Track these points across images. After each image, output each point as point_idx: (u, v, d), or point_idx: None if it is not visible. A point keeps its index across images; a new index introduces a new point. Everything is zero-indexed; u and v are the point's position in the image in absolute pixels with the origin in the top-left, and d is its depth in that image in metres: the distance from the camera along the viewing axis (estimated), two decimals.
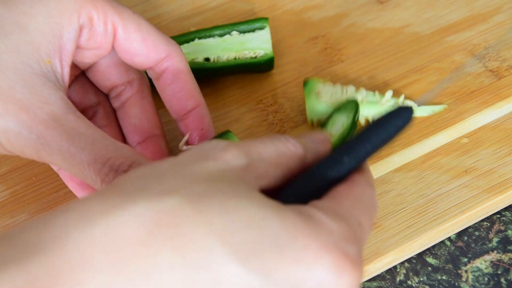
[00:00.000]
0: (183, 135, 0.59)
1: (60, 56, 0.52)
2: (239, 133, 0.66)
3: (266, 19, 0.70)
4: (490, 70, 0.68)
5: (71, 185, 0.60)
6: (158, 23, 0.76)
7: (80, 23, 0.52)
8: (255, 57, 0.69)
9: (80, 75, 0.61)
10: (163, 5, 0.78)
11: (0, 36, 0.51)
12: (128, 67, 0.59)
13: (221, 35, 0.71)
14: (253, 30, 0.71)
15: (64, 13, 0.52)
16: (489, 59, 0.69)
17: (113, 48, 0.56)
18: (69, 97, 0.59)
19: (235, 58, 0.69)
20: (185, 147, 0.62)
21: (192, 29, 0.75)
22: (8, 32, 0.51)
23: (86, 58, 0.57)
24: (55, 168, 0.61)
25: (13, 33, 0.51)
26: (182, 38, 0.70)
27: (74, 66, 0.58)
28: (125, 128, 0.61)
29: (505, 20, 0.72)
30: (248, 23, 0.71)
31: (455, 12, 0.74)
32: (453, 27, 0.72)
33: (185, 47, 0.70)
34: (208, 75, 0.70)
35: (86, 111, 0.61)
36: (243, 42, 0.70)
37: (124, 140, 0.61)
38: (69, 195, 0.63)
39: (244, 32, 0.71)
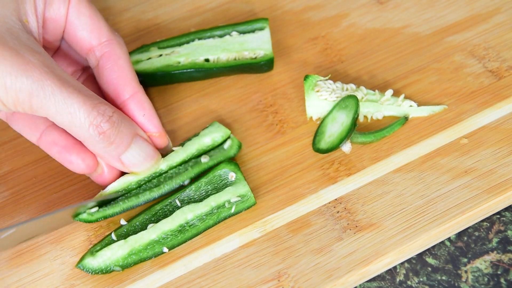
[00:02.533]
0: None
1: (35, 17, 0.57)
2: (239, 133, 0.66)
3: (266, 19, 0.70)
4: (490, 71, 0.68)
5: (55, 151, 0.61)
6: (158, 23, 0.76)
7: None
8: (255, 57, 0.69)
9: (61, 47, 0.65)
10: (163, 6, 0.78)
11: None
12: (99, 31, 0.61)
13: (221, 36, 0.71)
14: (253, 31, 0.71)
15: None
16: (489, 60, 0.69)
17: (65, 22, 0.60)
18: None
19: (235, 59, 0.69)
20: None
21: (192, 29, 0.75)
22: None
23: (50, 28, 0.60)
24: (34, 138, 0.61)
25: None
26: (182, 39, 0.71)
27: (51, 40, 0.62)
28: (104, 87, 0.63)
29: (505, 21, 0.72)
30: (248, 23, 0.71)
31: (455, 12, 0.74)
32: (453, 28, 0.72)
33: (186, 47, 0.70)
34: (208, 76, 0.70)
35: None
36: (243, 42, 0.70)
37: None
38: (69, 195, 0.64)
39: (244, 32, 0.71)
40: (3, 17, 0.54)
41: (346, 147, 0.64)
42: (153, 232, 0.59)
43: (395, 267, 0.60)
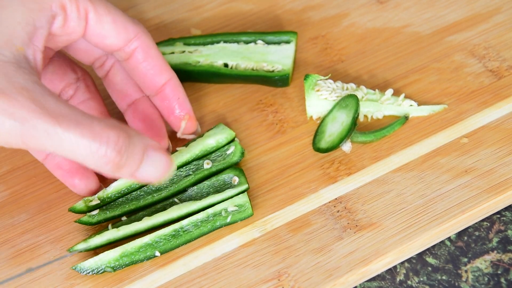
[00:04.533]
0: (157, 108, 0.63)
1: (33, 43, 0.53)
2: (239, 133, 0.66)
3: (294, 33, 0.69)
4: (490, 70, 0.68)
5: (59, 174, 0.62)
6: (158, 23, 0.76)
7: (52, 11, 0.54)
8: (272, 71, 0.68)
9: (56, 55, 0.63)
10: (163, 6, 0.78)
11: None
12: (125, 32, 0.60)
13: (246, 42, 0.70)
14: (278, 43, 0.69)
15: (37, 3, 0.53)
16: (489, 59, 0.69)
17: (85, 33, 0.58)
18: (49, 78, 0.62)
19: (252, 69, 0.68)
20: (183, 136, 0.64)
21: (192, 29, 0.75)
22: None
23: (59, 42, 0.58)
24: (40, 158, 0.61)
25: None
26: (208, 39, 0.70)
27: (48, 48, 0.59)
28: (113, 95, 0.64)
29: (505, 20, 0.72)
30: (276, 34, 0.70)
31: (455, 12, 0.74)
32: (453, 27, 0.72)
33: (209, 48, 0.69)
34: (223, 81, 0.69)
35: (67, 88, 0.63)
36: (265, 53, 0.69)
37: (107, 109, 0.64)
38: (69, 195, 0.63)
39: (269, 43, 0.70)
40: None
41: (346, 147, 0.64)
42: (147, 236, 0.59)
43: (395, 267, 0.60)
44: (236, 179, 0.61)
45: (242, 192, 0.61)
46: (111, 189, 0.62)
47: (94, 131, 0.50)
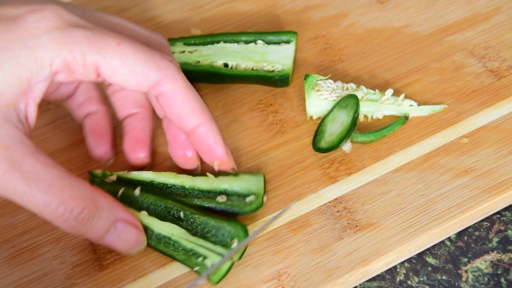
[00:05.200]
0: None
1: (26, 98, 0.52)
2: (238, 133, 0.66)
3: (294, 33, 0.69)
4: (490, 70, 0.68)
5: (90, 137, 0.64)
6: (158, 23, 0.76)
7: (53, 70, 0.52)
8: (272, 71, 0.68)
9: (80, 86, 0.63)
10: (163, 5, 0.78)
11: None
12: (146, 78, 0.56)
13: (246, 42, 0.70)
14: (278, 43, 0.69)
15: (34, 62, 0.51)
16: (489, 59, 0.69)
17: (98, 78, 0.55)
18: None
19: (252, 69, 0.68)
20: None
21: (192, 29, 0.75)
22: None
23: (68, 86, 0.58)
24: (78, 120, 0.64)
25: None
26: (208, 39, 0.70)
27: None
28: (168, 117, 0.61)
29: (505, 20, 0.72)
30: (276, 34, 0.69)
31: (455, 12, 0.74)
32: (453, 27, 0.72)
33: (209, 48, 0.69)
34: (222, 81, 0.69)
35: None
36: (265, 53, 0.69)
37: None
38: None
39: (269, 43, 0.70)
40: None
41: (346, 147, 0.64)
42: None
43: (395, 267, 0.60)
44: (235, 242, 0.58)
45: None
46: (132, 175, 0.62)
47: (62, 198, 0.51)
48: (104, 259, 0.59)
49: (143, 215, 0.59)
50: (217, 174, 0.62)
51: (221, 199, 0.60)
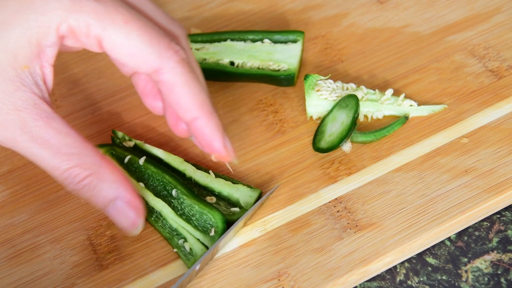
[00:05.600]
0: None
1: (40, 60, 0.53)
2: (239, 133, 0.66)
3: (301, 33, 0.69)
4: (490, 70, 0.68)
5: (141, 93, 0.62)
6: None
7: (59, 33, 0.53)
8: (278, 70, 0.68)
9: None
10: (163, 5, 0.78)
11: None
12: (145, 60, 0.56)
13: (253, 41, 0.70)
14: (285, 42, 0.69)
15: (43, 26, 0.52)
16: (489, 59, 0.69)
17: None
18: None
19: (258, 67, 0.68)
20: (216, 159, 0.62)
21: (192, 29, 0.75)
22: None
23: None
24: (127, 74, 0.62)
25: None
26: (215, 37, 0.70)
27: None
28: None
29: (505, 20, 0.72)
30: (283, 33, 0.69)
31: (455, 12, 0.74)
32: (453, 27, 0.72)
33: (216, 46, 0.69)
34: (228, 79, 0.69)
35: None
36: (271, 52, 0.69)
37: None
38: (69, 195, 0.64)
39: (276, 42, 0.70)
40: None
41: (346, 147, 0.64)
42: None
43: (395, 267, 0.60)
44: (212, 232, 0.59)
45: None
46: (146, 147, 0.65)
47: (68, 165, 0.53)
48: (104, 259, 0.59)
49: (141, 187, 0.61)
50: (218, 175, 0.63)
51: (210, 199, 0.61)
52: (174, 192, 0.61)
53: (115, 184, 0.55)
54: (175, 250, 0.59)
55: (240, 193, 0.62)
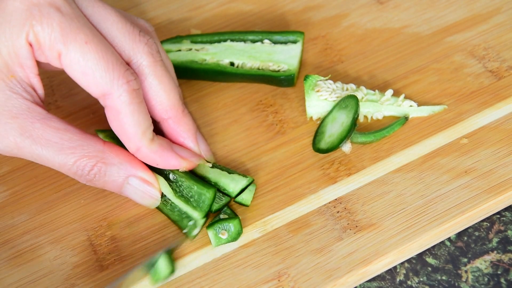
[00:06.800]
0: None
1: (24, 71, 0.55)
2: (238, 133, 0.66)
3: (301, 33, 0.69)
4: (490, 71, 0.68)
5: None
6: (157, 23, 0.76)
7: (29, 40, 0.54)
8: (278, 70, 0.68)
9: None
10: (163, 6, 0.78)
11: None
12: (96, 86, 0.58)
13: (253, 41, 0.70)
14: (285, 43, 0.69)
15: (16, 37, 0.54)
16: (489, 60, 0.69)
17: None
18: None
19: (258, 68, 0.68)
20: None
21: (192, 29, 0.75)
22: None
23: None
24: None
25: None
26: (215, 37, 0.70)
27: None
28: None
29: (505, 21, 0.72)
30: (282, 34, 0.69)
31: (455, 12, 0.74)
32: (453, 28, 0.72)
33: (216, 46, 0.70)
34: (228, 79, 0.69)
35: None
36: (271, 53, 0.69)
37: None
38: (70, 195, 0.64)
39: (276, 42, 0.70)
40: None
41: (346, 147, 0.64)
42: None
43: (395, 267, 0.60)
44: (190, 224, 0.60)
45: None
46: None
47: (74, 158, 0.56)
48: (104, 259, 0.60)
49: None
50: (215, 165, 0.63)
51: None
52: (171, 176, 0.61)
53: (123, 165, 0.58)
54: (184, 231, 0.60)
55: (238, 183, 0.62)
